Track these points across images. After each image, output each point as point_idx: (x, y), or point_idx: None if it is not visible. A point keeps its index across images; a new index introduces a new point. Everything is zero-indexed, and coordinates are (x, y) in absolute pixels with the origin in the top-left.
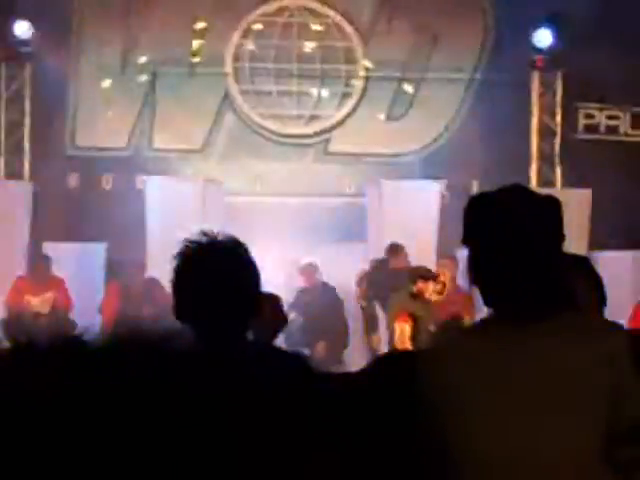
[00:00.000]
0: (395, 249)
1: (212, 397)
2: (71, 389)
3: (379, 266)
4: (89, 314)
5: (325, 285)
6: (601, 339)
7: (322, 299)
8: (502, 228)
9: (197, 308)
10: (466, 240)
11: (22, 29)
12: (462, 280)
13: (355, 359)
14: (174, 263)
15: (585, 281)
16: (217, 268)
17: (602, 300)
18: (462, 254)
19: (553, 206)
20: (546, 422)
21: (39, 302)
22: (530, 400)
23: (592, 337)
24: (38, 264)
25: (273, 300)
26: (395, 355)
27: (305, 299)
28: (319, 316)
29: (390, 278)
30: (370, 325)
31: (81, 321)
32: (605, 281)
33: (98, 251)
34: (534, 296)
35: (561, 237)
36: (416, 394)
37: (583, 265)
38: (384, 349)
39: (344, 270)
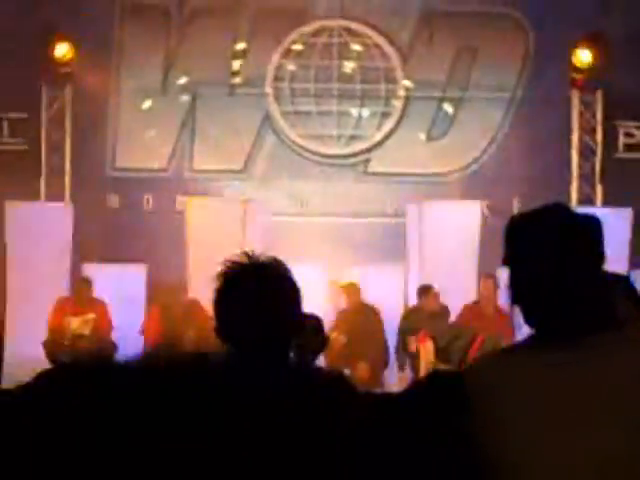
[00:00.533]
0: (424, 290)
1: (250, 423)
2: (104, 409)
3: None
4: (130, 336)
5: (366, 306)
6: None
7: (364, 319)
8: (541, 248)
9: (239, 329)
10: (507, 260)
11: (63, 50)
12: (503, 300)
13: (394, 379)
14: (215, 284)
15: (626, 300)
16: (258, 289)
17: None
18: (503, 274)
19: (593, 225)
20: (594, 439)
21: (80, 323)
22: (577, 418)
23: (633, 354)
24: (79, 286)
25: (314, 320)
26: (439, 375)
27: (347, 319)
28: (360, 336)
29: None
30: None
31: (122, 343)
32: None
33: (139, 272)
34: (575, 315)
35: (602, 256)
36: (460, 414)
37: (624, 284)
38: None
39: (385, 290)
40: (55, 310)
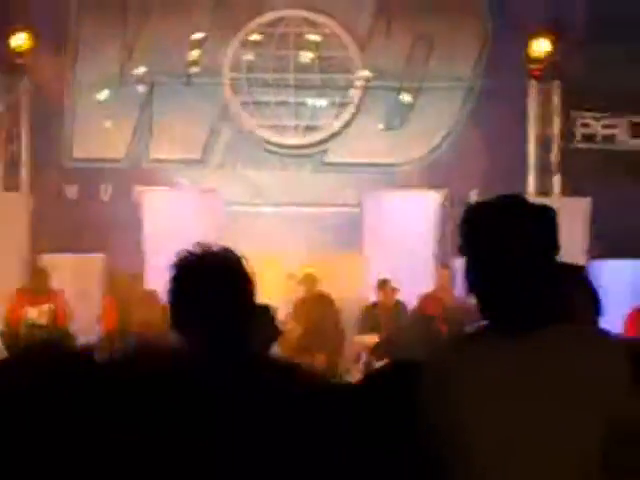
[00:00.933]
0: (381, 284)
1: (210, 407)
2: (63, 396)
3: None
4: (87, 325)
5: (323, 296)
6: (597, 348)
7: (320, 310)
8: (497, 238)
9: (192, 319)
10: (462, 249)
11: (19, 40)
12: (459, 289)
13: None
14: (169, 274)
15: (581, 291)
16: (211, 279)
17: (598, 310)
18: (461, 263)
19: (548, 215)
20: (544, 428)
21: (37, 313)
22: (527, 406)
23: (588, 346)
24: (36, 276)
25: (267, 310)
26: (393, 365)
27: (304, 309)
28: (317, 327)
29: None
30: None
31: (79, 333)
32: (603, 290)
33: (96, 262)
34: (529, 306)
35: (556, 247)
36: (418, 404)
37: (579, 274)
38: None
39: (342, 281)
40: (12, 301)
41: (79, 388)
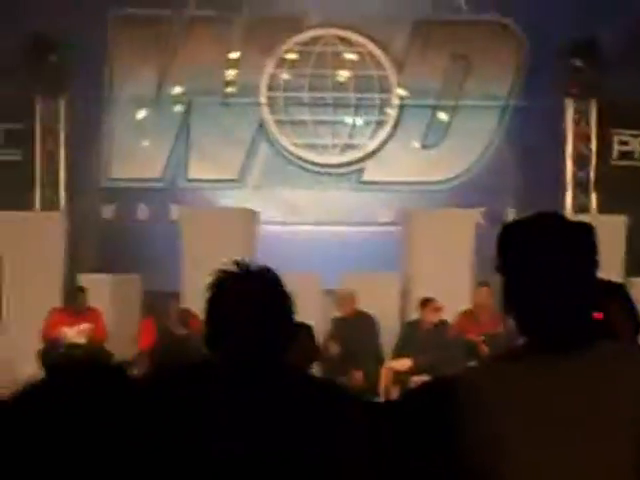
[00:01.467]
0: (424, 303)
1: (244, 428)
2: (96, 416)
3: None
4: (125, 345)
5: (362, 314)
6: (636, 368)
7: (359, 328)
8: (535, 256)
9: (228, 338)
10: (499, 268)
11: (58, 61)
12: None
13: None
14: (207, 293)
15: (620, 308)
16: (249, 297)
17: (637, 327)
18: (498, 282)
19: (586, 233)
20: (582, 451)
21: (75, 333)
22: (566, 429)
23: (627, 366)
24: (74, 295)
25: (306, 330)
26: (434, 383)
27: (343, 328)
28: (356, 345)
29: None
30: None
31: (117, 352)
32: None
33: (133, 282)
34: (568, 324)
35: (595, 264)
36: (454, 421)
37: (618, 292)
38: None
39: (380, 299)
40: (50, 320)
41: (112, 406)
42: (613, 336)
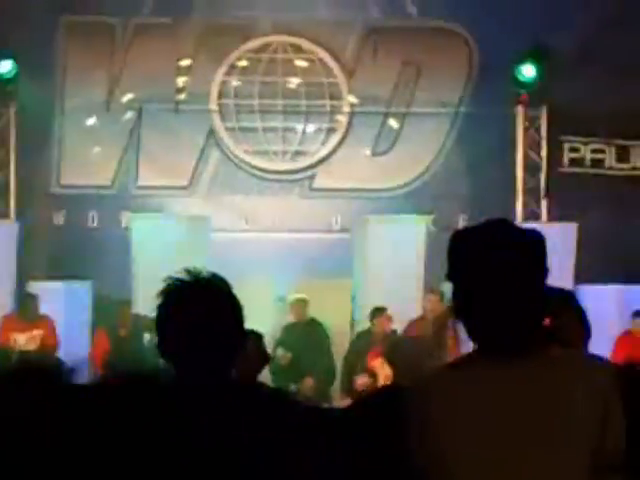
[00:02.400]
0: (376, 312)
1: (193, 436)
2: (45, 420)
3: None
4: (75, 352)
5: (313, 321)
6: (587, 373)
7: (310, 335)
8: (484, 263)
9: (179, 346)
10: (450, 275)
11: (6, 67)
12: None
13: (341, 396)
14: (157, 301)
15: (570, 315)
16: (199, 305)
17: (587, 334)
18: (449, 289)
19: (536, 240)
20: (531, 455)
21: (26, 340)
22: (515, 434)
23: (578, 371)
24: (25, 302)
25: (256, 338)
26: (381, 392)
27: (293, 335)
28: (307, 352)
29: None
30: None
31: (68, 359)
32: (590, 314)
33: (84, 289)
34: (518, 331)
35: (544, 271)
36: (401, 430)
37: (568, 299)
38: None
39: (331, 306)
40: (1, 327)
41: (57, 412)
42: (563, 343)
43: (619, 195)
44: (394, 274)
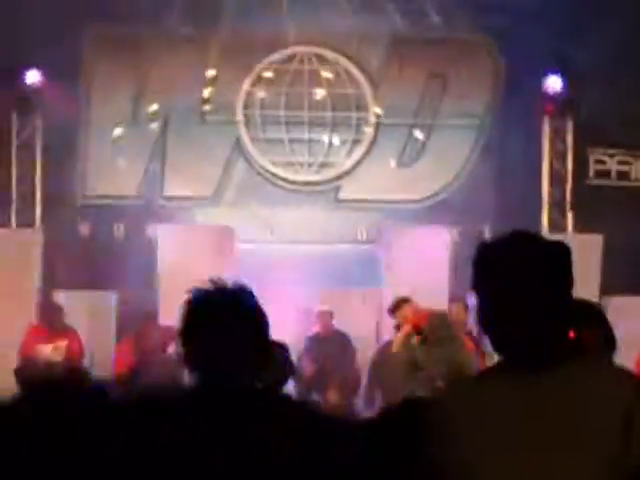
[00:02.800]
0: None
1: (219, 450)
2: (71, 433)
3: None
4: (100, 363)
5: (339, 333)
6: (610, 383)
7: (336, 347)
8: (509, 275)
9: (204, 357)
10: (475, 287)
11: (32, 78)
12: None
13: (365, 408)
14: (182, 312)
15: (595, 327)
16: (225, 317)
17: (612, 346)
18: (474, 301)
19: (561, 252)
20: (552, 462)
21: (52, 350)
22: (537, 442)
23: (601, 381)
24: (50, 312)
25: (281, 349)
26: (407, 403)
27: (319, 346)
28: (332, 363)
29: None
30: None
31: (92, 369)
32: (616, 326)
33: (110, 300)
34: (543, 342)
35: (570, 283)
36: (426, 442)
37: (593, 311)
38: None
39: (357, 318)
40: (26, 337)
41: (88, 425)
42: (588, 355)
43: None
44: (420, 285)
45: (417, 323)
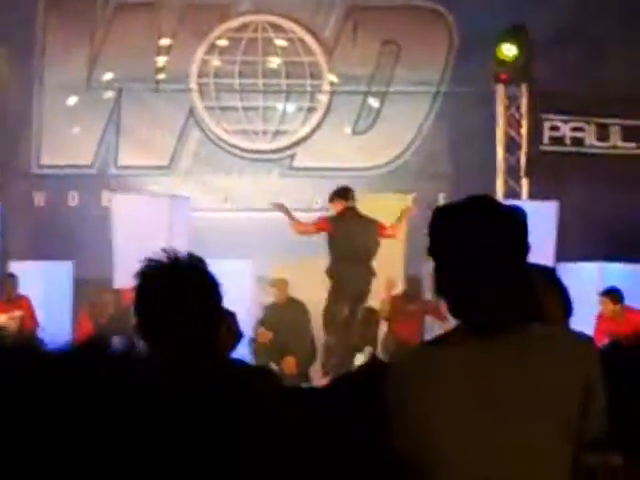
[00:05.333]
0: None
1: (177, 415)
2: (24, 392)
3: None
4: (56, 332)
5: (293, 300)
6: (568, 347)
7: (291, 315)
8: (466, 239)
9: (158, 326)
10: (431, 252)
11: None
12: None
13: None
14: (136, 282)
15: (552, 292)
16: (176, 286)
17: (569, 311)
18: (429, 266)
19: (518, 217)
20: (510, 425)
21: (6, 320)
22: (496, 407)
23: (559, 345)
24: (5, 282)
25: (229, 316)
26: (363, 369)
27: (274, 314)
28: (287, 332)
29: None
30: None
31: (48, 340)
32: (571, 293)
33: (65, 269)
34: (500, 307)
35: (526, 248)
36: (383, 407)
37: (550, 276)
38: None
39: (311, 285)
40: None
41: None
42: (545, 321)
43: (599, 173)
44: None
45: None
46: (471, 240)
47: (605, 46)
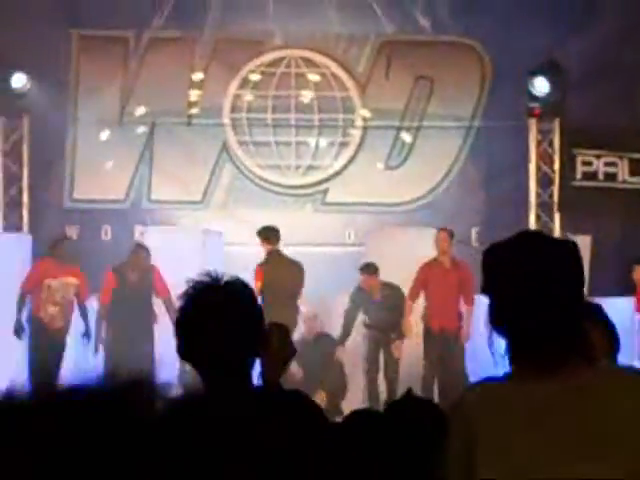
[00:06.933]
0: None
1: (212, 449)
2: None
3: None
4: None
5: (325, 335)
6: (636, 394)
7: (321, 349)
8: (523, 274)
9: (202, 347)
10: (486, 288)
11: (20, 81)
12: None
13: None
14: (179, 303)
15: (598, 328)
16: (222, 306)
17: (616, 346)
18: (482, 301)
19: (573, 250)
20: (579, 468)
21: (59, 285)
22: (561, 450)
23: (627, 384)
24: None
25: (282, 331)
26: (412, 401)
27: (305, 349)
28: (318, 366)
29: None
30: None
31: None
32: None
33: (97, 304)
34: (559, 344)
35: (582, 282)
36: (445, 445)
37: (595, 312)
38: None
39: (337, 320)
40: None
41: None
42: (592, 357)
43: (632, 208)
44: (408, 288)
45: None
46: (527, 275)
47: (637, 80)
